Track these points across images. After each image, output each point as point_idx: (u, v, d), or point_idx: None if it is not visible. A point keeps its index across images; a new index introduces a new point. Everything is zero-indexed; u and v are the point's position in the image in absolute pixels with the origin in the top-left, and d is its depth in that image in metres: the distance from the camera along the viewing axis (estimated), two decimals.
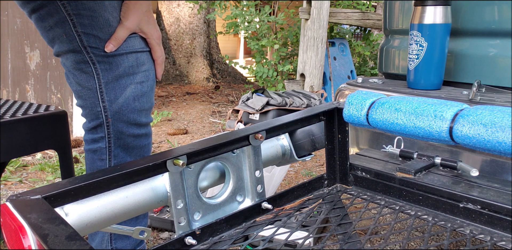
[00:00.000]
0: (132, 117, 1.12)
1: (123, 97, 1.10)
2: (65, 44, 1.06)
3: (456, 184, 0.83)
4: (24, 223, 0.51)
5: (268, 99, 2.09)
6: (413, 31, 1.39)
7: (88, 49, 1.05)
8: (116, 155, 1.14)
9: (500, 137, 0.67)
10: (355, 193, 0.92)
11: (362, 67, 4.79)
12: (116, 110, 1.10)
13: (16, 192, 2.23)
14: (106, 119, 1.10)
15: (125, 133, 1.13)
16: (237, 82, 6.71)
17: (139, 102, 1.12)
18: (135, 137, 1.15)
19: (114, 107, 1.10)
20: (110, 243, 1.18)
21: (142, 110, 1.13)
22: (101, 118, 1.10)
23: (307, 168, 2.70)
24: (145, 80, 1.12)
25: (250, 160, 0.79)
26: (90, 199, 0.65)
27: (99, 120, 1.11)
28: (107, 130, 1.11)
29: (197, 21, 6.45)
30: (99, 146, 1.13)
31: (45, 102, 3.45)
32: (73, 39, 1.05)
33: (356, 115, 0.85)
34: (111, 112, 1.10)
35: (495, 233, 0.73)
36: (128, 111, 1.11)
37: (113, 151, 1.13)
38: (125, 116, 1.11)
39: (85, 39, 1.04)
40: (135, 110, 1.12)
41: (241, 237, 0.76)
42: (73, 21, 1.03)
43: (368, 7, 4.48)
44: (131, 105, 1.11)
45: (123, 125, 1.12)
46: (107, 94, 1.09)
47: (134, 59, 1.10)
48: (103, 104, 1.09)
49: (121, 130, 1.12)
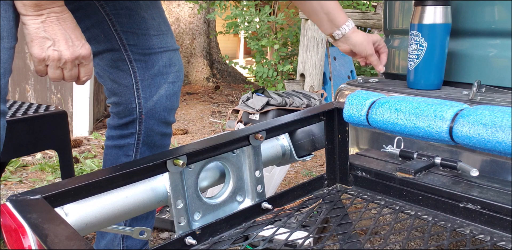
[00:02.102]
0: (163, 116, 1.17)
1: (158, 95, 1.14)
2: (103, 43, 1.09)
3: (456, 184, 0.83)
4: (24, 223, 0.51)
5: (268, 99, 2.09)
6: (413, 31, 1.39)
7: (127, 47, 1.09)
8: (142, 152, 1.18)
9: (500, 137, 0.67)
10: (355, 193, 0.92)
11: (362, 67, 4.79)
12: (150, 108, 1.14)
13: (16, 192, 2.23)
14: (139, 116, 1.14)
15: (155, 130, 1.17)
16: (237, 82, 6.70)
17: (170, 101, 1.16)
18: (162, 135, 1.19)
19: (148, 104, 1.14)
20: (122, 241, 1.21)
21: (172, 109, 1.19)
22: (134, 114, 1.14)
23: (307, 168, 2.70)
24: (176, 80, 1.17)
25: (250, 160, 0.79)
26: (90, 199, 0.65)
27: (132, 117, 1.15)
28: (138, 126, 1.15)
29: (197, 21, 6.45)
30: (127, 141, 1.17)
31: (45, 102, 3.45)
32: (112, 38, 1.08)
33: (356, 115, 0.85)
34: (145, 109, 1.14)
35: (495, 233, 0.73)
36: (161, 109, 1.16)
37: (140, 148, 1.18)
38: (157, 114, 1.16)
39: (124, 37, 1.09)
40: (166, 108, 1.17)
41: (241, 237, 0.76)
42: (112, 21, 1.07)
43: (368, 7, 4.47)
44: (164, 104, 1.15)
45: (154, 122, 1.16)
46: (143, 92, 1.13)
47: (167, 59, 1.15)
48: (138, 101, 1.13)
49: (151, 127, 1.16)
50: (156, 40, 1.12)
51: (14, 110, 1.33)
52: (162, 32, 1.14)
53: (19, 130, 1.25)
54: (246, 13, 4.33)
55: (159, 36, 1.13)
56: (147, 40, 1.11)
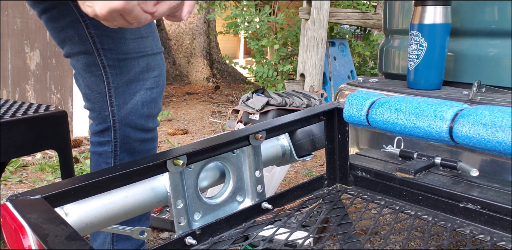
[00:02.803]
0: (139, 123, 1.11)
1: (132, 103, 1.09)
2: (77, 45, 1.04)
3: (456, 184, 0.83)
4: (24, 223, 0.51)
5: (268, 99, 2.09)
6: (413, 31, 1.39)
7: (101, 52, 1.04)
8: (121, 159, 1.13)
9: (500, 137, 0.67)
10: (355, 193, 0.92)
11: (362, 67, 4.79)
12: (124, 116, 1.09)
13: (16, 192, 2.23)
14: (113, 124, 1.10)
15: (132, 137, 1.12)
16: (237, 82, 6.70)
17: (147, 108, 1.11)
18: (142, 141, 1.14)
19: (122, 112, 1.09)
20: (112, 245, 1.18)
21: (150, 116, 1.13)
22: (108, 122, 1.10)
23: (307, 168, 2.70)
24: (155, 86, 1.11)
25: (250, 160, 0.79)
26: (90, 199, 0.65)
27: (106, 124, 1.10)
28: (113, 134, 1.11)
29: (197, 21, 6.45)
30: (105, 149, 1.12)
31: (45, 102, 3.45)
32: (86, 41, 1.03)
33: (356, 115, 0.85)
34: (119, 117, 1.09)
35: (495, 233, 0.73)
36: (136, 117, 1.10)
37: (119, 155, 1.13)
38: (132, 122, 1.10)
39: (98, 41, 1.03)
40: (143, 116, 1.11)
41: (241, 237, 0.76)
42: (86, 22, 1.01)
43: (368, 7, 4.47)
44: (139, 111, 1.10)
45: (130, 130, 1.11)
46: (116, 99, 1.08)
47: (144, 64, 1.09)
48: (111, 109, 1.08)
49: (127, 135, 1.11)
50: (133, 44, 1.06)
51: (14, 110, 1.33)
52: (141, 35, 1.07)
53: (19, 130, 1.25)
54: (246, 13, 4.33)
55: (137, 40, 1.06)
56: (123, 44, 1.05)
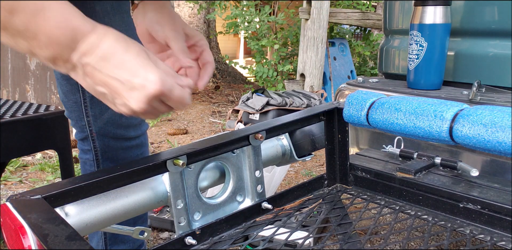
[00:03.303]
0: (118, 133, 1.06)
1: (109, 113, 1.03)
2: None
3: (456, 184, 0.83)
4: (24, 223, 0.51)
5: (268, 99, 2.09)
6: (413, 31, 1.39)
7: None
8: (106, 166, 1.09)
9: (500, 137, 0.67)
10: (355, 193, 0.92)
11: (362, 67, 4.79)
12: (101, 126, 1.04)
13: (16, 192, 2.23)
14: (91, 134, 1.05)
15: (113, 146, 1.07)
16: (237, 82, 6.70)
17: (126, 119, 1.05)
18: (125, 149, 1.09)
19: (99, 123, 1.04)
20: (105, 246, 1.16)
21: (129, 126, 1.07)
22: (86, 132, 1.05)
23: (307, 168, 2.70)
24: None
25: (250, 160, 0.79)
26: (90, 199, 0.65)
27: (84, 134, 1.06)
28: (92, 144, 1.06)
29: (197, 21, 6.45)
30: (87, 157, 1.09)
31: (45, 102, 3.45)
32: None
33: (356, 115, 0.85)
34: (95, 127, 1.04)
35: (495, 233, 0.73)
36: (114, 127, 1.05)
37: (102, 163, 1.09)
38: (110, 132, 1.06)
39: None
40: (121, 126, 1.06)
41: (241, 237, 0.76)
42: None
43: (368, 7, 4.47)
44: (117, 122, 1.05)
45: (109, 140, 1.06)
46: (92, 109, 1.03)
47: None
48: (87, 119, 1.04)
49: (107, 144, 1.06)
50: None
51: (14, 110, 1.33)
52: None
53: (19, 130, 1.25)
54: (246, 13, 4.33)
55: None
56: None
